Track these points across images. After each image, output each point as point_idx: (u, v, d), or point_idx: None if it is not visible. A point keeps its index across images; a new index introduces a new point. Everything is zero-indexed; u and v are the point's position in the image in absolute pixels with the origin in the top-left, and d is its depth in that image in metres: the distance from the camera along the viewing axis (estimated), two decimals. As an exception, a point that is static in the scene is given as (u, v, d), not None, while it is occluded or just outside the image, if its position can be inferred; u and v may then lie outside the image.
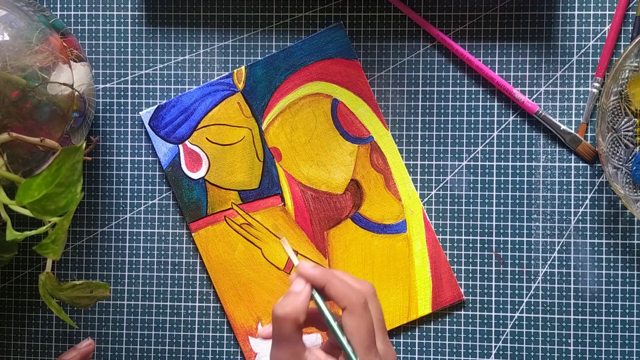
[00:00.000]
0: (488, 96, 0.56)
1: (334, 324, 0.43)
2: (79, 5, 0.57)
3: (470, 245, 0.56)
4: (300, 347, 0.43)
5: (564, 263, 0.55)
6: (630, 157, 0.53)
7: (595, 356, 0.54)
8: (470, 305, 0.56)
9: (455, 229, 0.56)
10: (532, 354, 0.55)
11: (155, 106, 0.56)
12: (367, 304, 0.43)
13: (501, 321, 0.55)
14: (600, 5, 0.55)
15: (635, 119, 0.53)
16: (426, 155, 0.56)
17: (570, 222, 0.55)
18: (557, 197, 0.55)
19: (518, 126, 0.55)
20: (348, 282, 0.44)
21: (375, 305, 0.44)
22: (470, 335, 0.56)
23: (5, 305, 0.58)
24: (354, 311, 0.42)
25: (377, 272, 0.56)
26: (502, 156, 0.56)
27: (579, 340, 0.55)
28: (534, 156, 0.55)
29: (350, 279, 0.45)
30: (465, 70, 0.56)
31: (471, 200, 0.56)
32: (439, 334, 0.56)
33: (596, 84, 0.54)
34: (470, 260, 0.56)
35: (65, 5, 0.57)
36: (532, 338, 0.55)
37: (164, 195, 0.57)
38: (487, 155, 0.56)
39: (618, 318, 0.55)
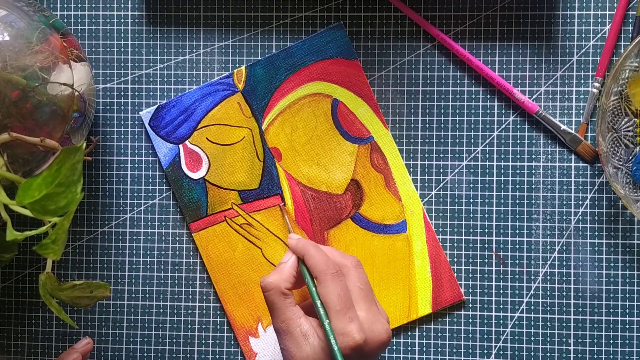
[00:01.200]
0: (488, 96, 0.56)
1: (313, 289, 0.47)
2: (79, 5, 0.57)
3: (471, 245, 0.56)
4: (289, 314, 0.47)
5: (564, 263, 0.55)
6: (630, 157, 0.53)
7: (596, 356, 0.54)
8: (470, 305, 0.56)
9: (456, 229, 0.56)
10: (532, 354, 0.55)
11: (156, 106, 0.56)
12: (338, 274, 0.47)
13: (501, 321, 0.55)
14: (600, 5, 0.55)
15: (636, 119, 0.53)
16: (426, 155, 0.56)
17: (571, 222, 0.55)
18: (557, 197, 0.55)
19: (518, 126, 0.55)
20: (329, 254, 0.49)
21: (357, 276, 0.48)
22: (470, 335, 0.56)
23: (5, 305, 0.58)
24: (323, 279, 0.47)
25: (377, 272, 0.56)
26: (502, 156, 0.56)
27: (579, 340, 0.55)
28: (534, 156, 0.55)
29: (334, 252, 0.50)
30: (466, 70, 0.56)
31: (471, 200, 0.56)
32: (439, 334, 0.56)
33: (596, 84, 0.54)
34: (471, 260, 0.56)
35: (66, 5, 0.57)
36: (532, 338, 0.55)
37: (164, 195, 0.57)
38: (487, 155, 0.56)
39: (618, 318, 0.55)
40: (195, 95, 0.56)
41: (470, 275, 0.56)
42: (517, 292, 0.55)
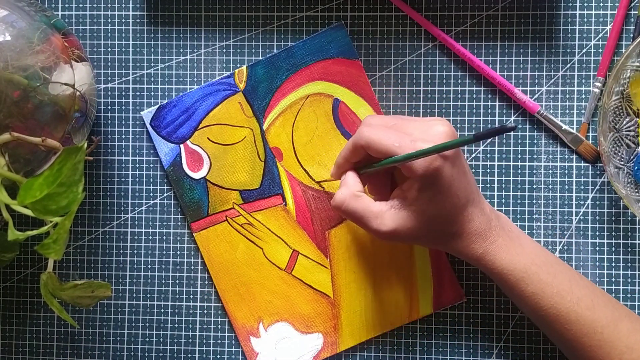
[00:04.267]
0: (489, 96, 0.56)
1: (389, 159, 0.47)
2: (81, 5, 0.57)
3: (472, 245, 0.55)
4: (377, 205, 0.48)
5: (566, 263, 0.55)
6: (631, 157, 0.53)
7: (597, 356, 0.54)
8: (471, 305, 0.56)
9: (457, 229, 0.56)
10: (534, 353, 0.55)
11: (157, 106, 0.56)
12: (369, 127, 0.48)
13: (502, 321, 0.55)
14: (601, 4, 0.55)
15: (637, 119, 0.53)
16: (427, 155, 0.56)
17: (572, 222, 0.55)
18: (559, 197, 0.55)
19: (519, 126, 0.55)
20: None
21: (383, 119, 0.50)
22: (471, 335, 0.56)
23: (6, 305, 0.58)
24: (370, 124, 0.48)
25: (379, 272, 0.56)
26: (504, 156, 0.55)
27: (581, 340, 0.55)
28: (535, 156, 0.55)
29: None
30: (467, 70, 0.56)
31: (472, 200, 0.55)
32: (440, 334, 0.56)
33: (598, 84, 0.54)
34: (472, 260, 0.56)
35: (67, 5, 0.58)
36: (534, 338, 0.55)
37: (165, 195, 0.57)
38: (489, 155, 0.56)
39: (619, 318, 0.55)
40: (197, 95, 0.56)
41: (472, 275, 0.56)
42: (518, 292, 0.55)
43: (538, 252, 0.50)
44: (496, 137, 0.55)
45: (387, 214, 0.47)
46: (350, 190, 0.48)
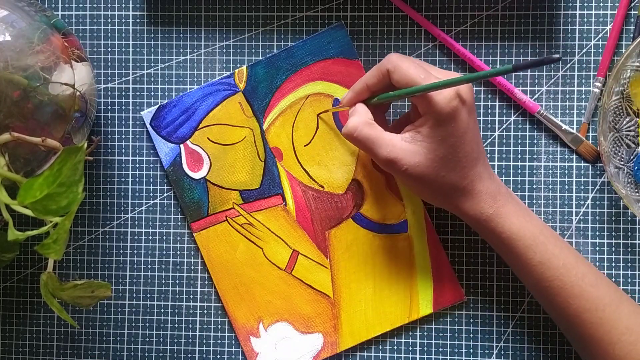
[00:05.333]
0: (489, 96, 0.56)
1: (404, 90, 0.47)
2: (81, 5, 0.57)
3: (472, 245, 0.56)
4: (389, 135, 0.48)
5: (566, 263, 0.55)
6: (631, 157, 0.53)
7: (597, 356, 0.54)
8: (471, 305, 0.56)
9: (457, 229, 0.56)
10: (534, 353, 0.55)
11: (157, 106, 0.56)
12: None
13: (502, 321, 0.55)
14: (601, 4, 0.55)
15: (637, 119, 0.53)
16: (427, 155, 0.56)
17: (572, 222, 0.55)
18: (559, 197, 0.55)
19: (519, 126, 0.55)
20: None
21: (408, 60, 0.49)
22: (471, 335, 0.56)
23: (6, 305, 0.58)
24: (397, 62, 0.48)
25: (379, 272, 0.56)
26: (504, 156, 0.55)
27: (581, 340, 0.55)
28: (535, 156, 0.55)
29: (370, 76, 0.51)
30: (467, 70, 0.56)
31: (472, 200, 0.55)
32: (440, 334, 0.56)
33: (598, 84, 0.54)
34: (472, 260, 0.56)
35: (67, 5, 0.58)
36: (534, 338, 0.55)
37: (165, 195, 0.57)
38: (489, 155, 0.56)
39: (619, 318, 0.55)
40: (197, 95, 0.56)
41: (472, 275, 0.56)
42: (518, 291, 0.55)
43: (544, 225, 0.50)
44: (497, 137, 0.55)
45: (398, 144, 0.48)
46: (362, 117, 0.49)
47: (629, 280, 0.55)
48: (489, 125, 0.55)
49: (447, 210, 0.51)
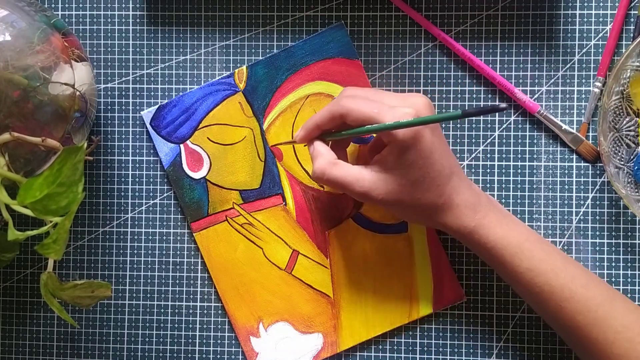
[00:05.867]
0: (489, 96, 0.56)
1: (360, 129, 0.47)
2: (81, 5, 0.57)
3: (472, 245, 0.55)
4: (355, 168, 0.48)
5: (566, 263, 0.55)
6: (631, 157, 0.53)
7: (597, 356, 0.54)
8: (471, 305, 0.56)
9: (457, 229, 0.56)
10: (534, 353, 0.55)
11: (157, 106, 0.56)
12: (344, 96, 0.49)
13: (502, 321, 0.55)
14: (601, 4, 0.55)
15: (637, 119, 0.53)
16: (427, 155, 0.56)
17: (572, 222, 0.55)
18: (559, 196, 0.55)
19: (519, 126, 0.55)
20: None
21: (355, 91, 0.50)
22: (471, 335, 0.56)
23: (6, 305, 0.58)
24: (349, 96, 0.48)
25: (379, 272, 0.56)
26: (504, 156, 0.55)
27: (581, 340, 0.55)
28: (535, 156, 0.55)
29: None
30: (467, 69, 0.56)
31: (472, 200, 0.55)
32: (440, 334, 0.56)
33: (598, 84, 0.54)
34: (472, 260, 0.56)
35: (67, 5, 0.58)
36: (534, 338, 0.55)
37: (165, 195, 0.57)
38: (489, 155, 0.56)
39: (620, 318, 0.54)
40: (197, 95, 0.56)
41: (472, 275, 0.56)
42: (518, 292, 0.55)
43: (530, 231, 0.50)
44: (497, 137, 0.55)
45: (367, 176, 0.47)
46: (326, 159, 0.48)
47: (629, 280, 0.55)
48: (489, 125, 0.55)
49: (433, 228, 0.51)
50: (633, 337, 0.46)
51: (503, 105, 0.39)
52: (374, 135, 0.52)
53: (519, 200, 0.55)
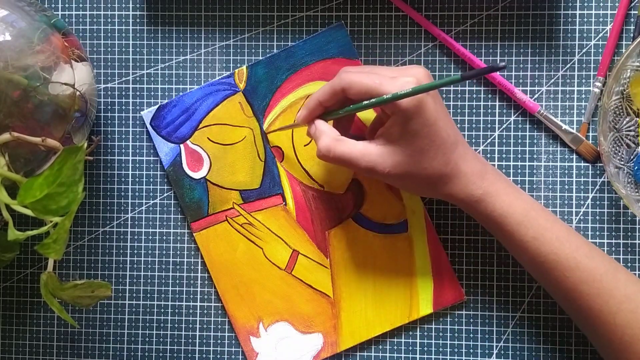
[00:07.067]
0: (489, 96, 0.56)
1: (362, 104, 0.47)
2: (81, 5, 0.57)
3: (472, 245, 0.56)
4: (360, 145, 0.48)
5: (566, 263, 0.55)
6: (632, 157, 0.53)
7: (597, 356, 0.54)
8: (471, 304, 0.56)
9: (457, 229, 0.56)
10: (534, 353, 0.55)
11: (157, 106, 0.56)
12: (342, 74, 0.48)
13: (502, 321, 0.55)
14: (601, 4, 0.55)
15: (637, 119, 0.53)
16: (427, 155, 0.56)
17: (572, 222, 0.55)
18: (559, 196, 0.55)
19: (519, 126, 0.55)
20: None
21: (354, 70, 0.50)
22: (471, 335, 0.56)
23: (6, 304, 0.58)
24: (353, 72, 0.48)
25: (379, 272, 0.56)
26: (504, 156, 0.55)
27: (581, 340, 0.55)
28: (535, 156, 0.55)
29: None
30: (467, 69, 0.56)
31: (472, 200, 0.55)
32: (440, 334, 0.56)
33: (598, 84, 0.54)
34: (472, 260, 0.56)
35: (67, 5, 0.58)
36: (534, 338, 0.55)
37: (165, 195, 0.57)
38: (489, 155, 0.56)
39: (619, 318, 0.54)
40: (197, 95, 0.56)
41: (472, 275, 0.56)
42: (518, 291, 0.55)
43: (534, 200, 0.50)
44: (497, 137, 0.55)
45: (373, 150, 0.47)
46: (330, 136, 0.49)
47: (629, 280, 0.55)
48: (489, 125, 0.55)
49: (440, 199, 0.51)
50: (635, 308, 0.47)
51: (502, 64, 0.39)
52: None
53: (519, 200, 0.55)
